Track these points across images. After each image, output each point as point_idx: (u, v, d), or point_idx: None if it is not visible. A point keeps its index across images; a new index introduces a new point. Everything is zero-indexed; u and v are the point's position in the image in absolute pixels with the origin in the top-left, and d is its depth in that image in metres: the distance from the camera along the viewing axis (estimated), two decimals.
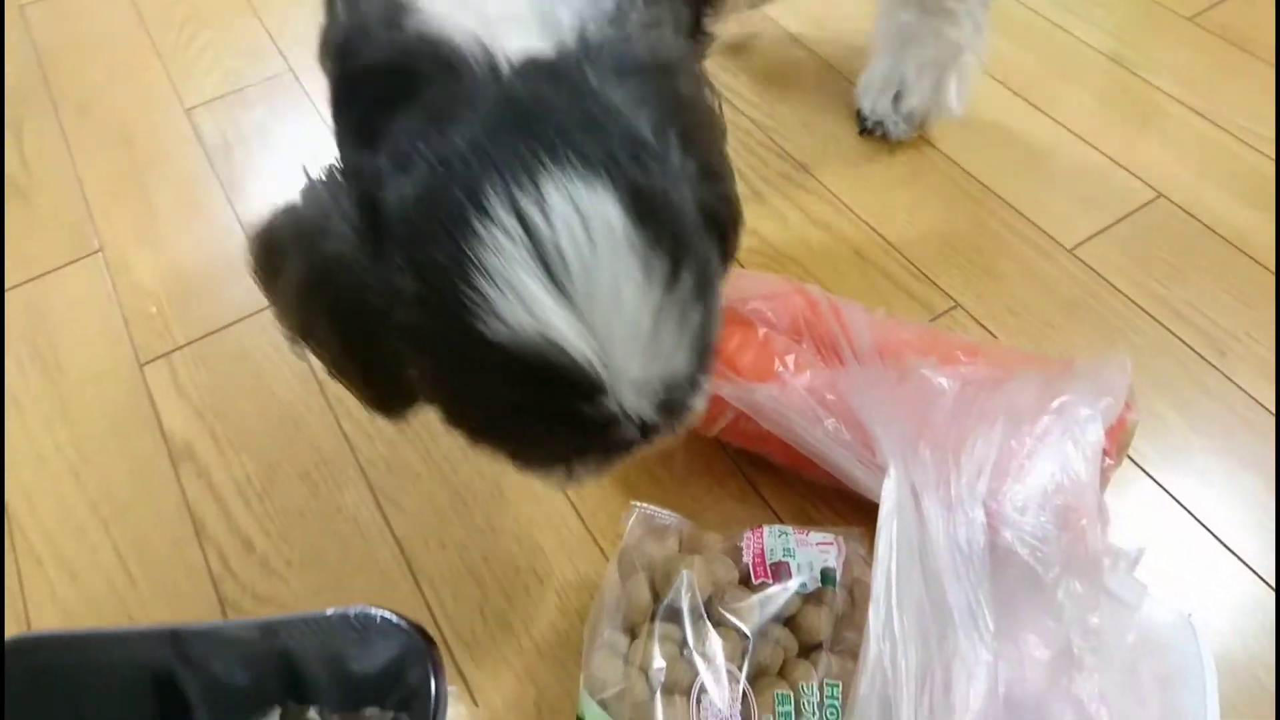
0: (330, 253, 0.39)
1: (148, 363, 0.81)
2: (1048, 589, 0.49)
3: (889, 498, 0.53)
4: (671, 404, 0.40)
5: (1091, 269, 0.83)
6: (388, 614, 0.34)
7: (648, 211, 0.37)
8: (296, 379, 0.79)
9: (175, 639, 0.34)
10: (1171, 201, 0.88)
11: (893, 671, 0.47)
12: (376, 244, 0.38)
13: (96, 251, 0.90)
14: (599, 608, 0.56)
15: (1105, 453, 0.60)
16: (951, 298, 0.81)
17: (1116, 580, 0.59)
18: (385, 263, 0.38)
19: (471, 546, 0.69)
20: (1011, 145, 0.94)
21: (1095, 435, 0.52)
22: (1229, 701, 0.58)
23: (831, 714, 0.48)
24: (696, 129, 0.43)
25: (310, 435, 0.76)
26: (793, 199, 0.90)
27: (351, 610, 0.34)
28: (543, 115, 0.38)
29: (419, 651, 0.33)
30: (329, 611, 0.33)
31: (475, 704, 0.60)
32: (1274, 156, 0.91)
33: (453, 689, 0.39)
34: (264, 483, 0.73)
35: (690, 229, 0.39)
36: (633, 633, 0.54)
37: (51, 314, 0.86)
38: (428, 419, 0.75)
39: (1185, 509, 0.68)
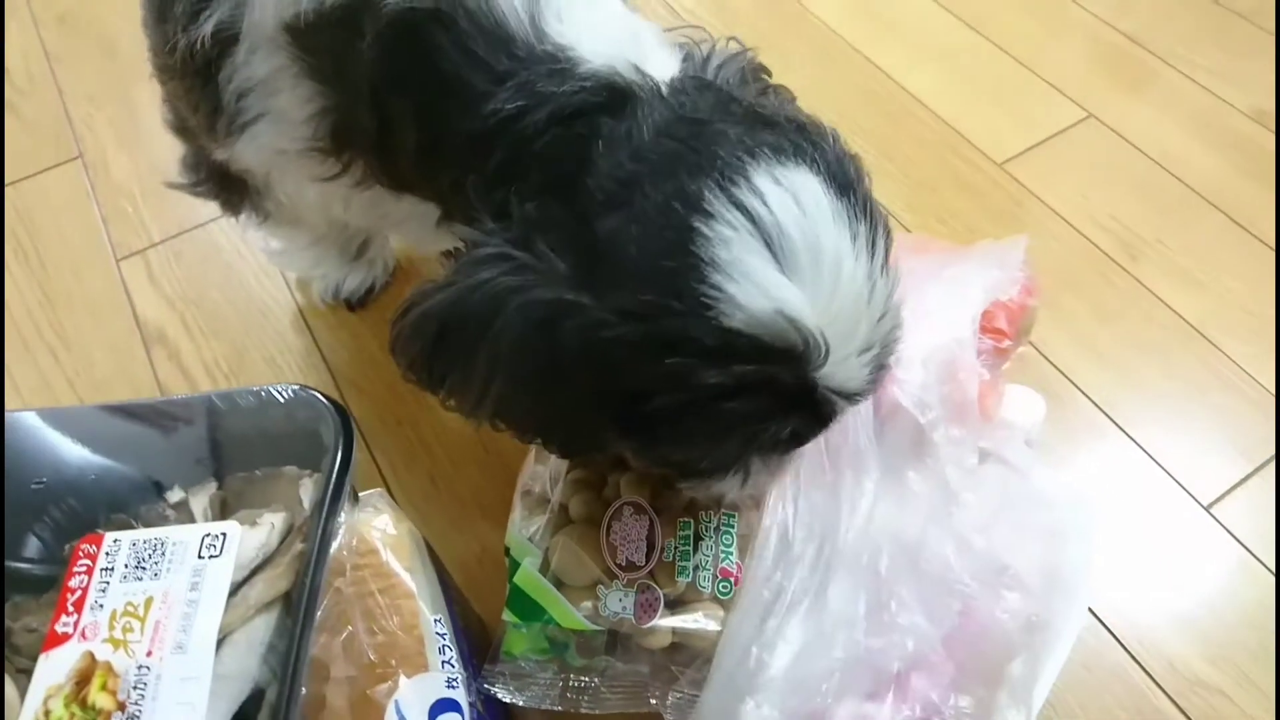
0: (549, 300, 0.38)
1: (124, 258, 0.86)
2: (928, 434, 0.54)
3: None
4: (880, 366, 0.42)
5: (1019, 182, 0.87)
6: (310, 390, 0.39)
7: (843, 185, 0.39)
8: (265, 274, 0.83)
9: (121, 411, 0.39)
10: (1101, 122, 0.92)
11: (793, 503, 0.52)
12: (593, 282, 0.38)
13: (77, 157, 0.94)
14: (529, 460, 0.61)
15: (1003, 333, 0.65)
16: (884, 206, 0.85)
17: (1010, 450, 0.65)
18: (612, 294, 0.38)
19: (424, 424, 0.74)
20: (953, 66, 0.98)
21: (977, 300, 0.57)
22: (1109, 567, 0.64)
23: (726, 539, 0.53)
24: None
25: (276, 324, 0.80)
26: None
27: (278, 386, 0.39)
28: (719, 120, 0.40)
29: (331, 417, 0.38)
30: (258, 388, 0.38)
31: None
32: (1208, 86, 0.95)
33: (379, 490, 0.44)
34: (232, 365, 0.78)
35: (871, 198, 0.42)
36: (559, 480, 0.59)
37: (34, 214, 0.90)
38: (384, 313, 0.81)
39: (1084, 394, 0.73)
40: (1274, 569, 0.65)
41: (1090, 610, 0.63)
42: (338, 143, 0.47)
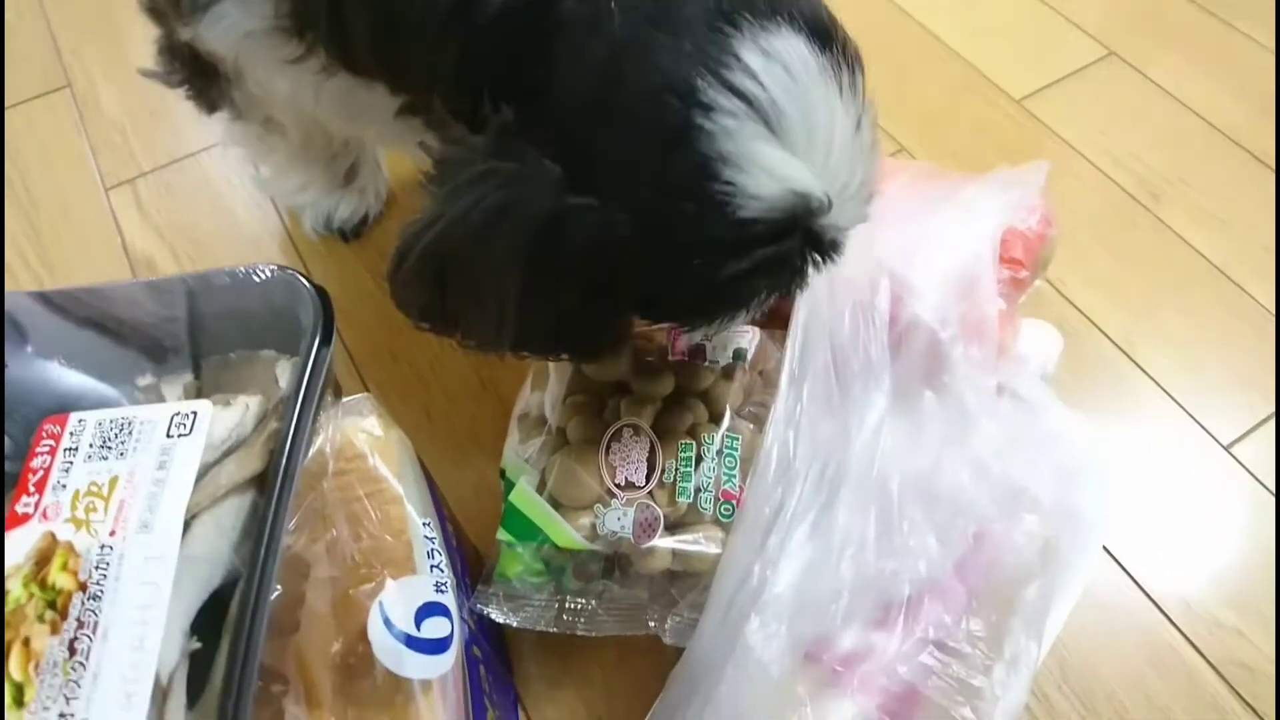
0: (550, 209, 0.37)
1: (112, 188, 0.83)
2: (946, 351, 0.52)
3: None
4: (872, 194, 0.42)
5: (1037, 118, 0.84)
6: (289, 270, 0.37)
7: (824, 39, 0.38)
8: (256, 205, 0.81)
9: (92, 294, 0.37)
10: (1122, 59, 0.89)
11: (795, 424, 0.50)
12: (593, 189, 0.37)
13: (64, 87, 0.91)
14: (527, 385, 0.59)
15: (1020, 263, 0.63)
16: (898, 141, 0.83)
17: (1026, 385, 0.62)
18: (620, 194, 0.37)
19: (419, 357, 0.72)
20: (969, 1, 0.94)
21: (996, 219, 0.55)
22: (1127, 506, 0.62)
23: (729, 462, 0.51)
24: None
25: (268, 254, 0.78)
26: None
27: (256, 266, 0.37)
28: None
29: (311, 299, 0.36)
30: (239, 269, 0.36)
31: None
32: (1232, 22, 0.91)
33: (366, 394, 0.42)
34: None
35: (849, 44, 0.40)
36: (555, 405, 0.57)
37: (22, 145, 0.87)
38: (379, 243, 0.78)
39: (1103, 332, 0.71)
40: None
41: (1105, 549, 0.61)
42: (297, 21, 0.45)
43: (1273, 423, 0.67)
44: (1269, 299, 0.72)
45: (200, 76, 0.59)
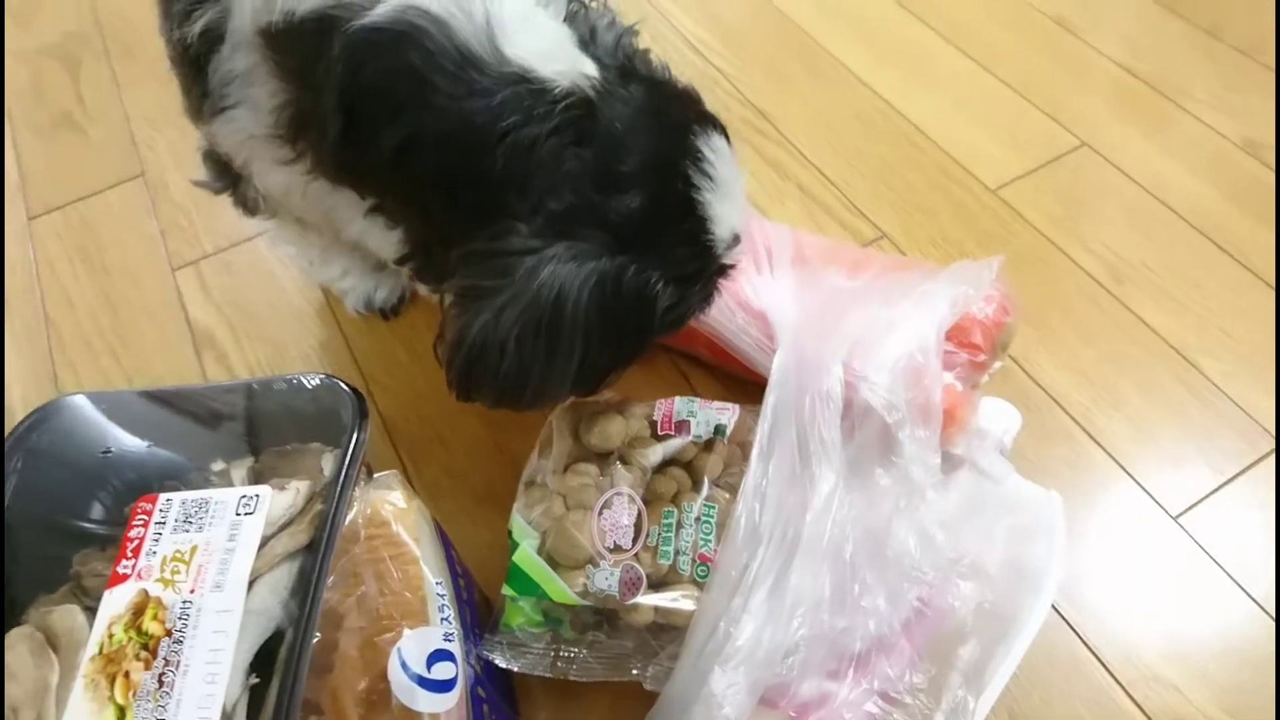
0: (608, 267, 0.51)
1: (179, 268, 0.94)
2: (894, 433, 0.59)
3: (777, 367, 0.64)
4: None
5: (1011, 207, 0.92)
6: (333, 378, 0.45)
7: (721, 129, 0.56)
8: (303, 284, 0.91)
9: (171, 402, 0.46)
10: (1095, 150, 0.96)
11: (763, 491, 0.58)
12: (634, 245, 0.52)
13: (139, 175, 1.03)
14: (534, 454, 0.67)
15: (979, 347, 0.70)
16: (880, 229, 0.91)
17: (985, 458, 0.69)
18: (652, 252, 0.53)
19: (443, 421, 0.81)
20: (952, 95, 1.03)
21: (943, 314, 0.62)
22: (1078, 571, 0.68)
23: (706, 528, 0.59)
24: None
25: (313, 328, 0.88)
26: (750, 141, 1.00)
27: (307, 375, 0.45)
28: (658, 105, 0.54)
29: (350, 401, 0.45)
30: (294, 376, 0.45)
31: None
32: (1200, 116, 0.99)
33: (393, 471, 0.51)
34: (272, 366, 0.85)
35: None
36: (560, 472, 0.65)
37: (101, 227, 0.99)
38: (413, 320, 0.87)
39: (1062, 408, 0.77)
40: (1234, 576, 0.68)
41: (1054, 608, 0.67)
42: (294, 132, 0.55)
43: (1219, 495, 0.72)
44: (1220, 376, 0.79)
45: (236, 183, 0.70)
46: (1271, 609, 0.67)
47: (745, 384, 0.76)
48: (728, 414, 0.66)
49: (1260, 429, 0.76)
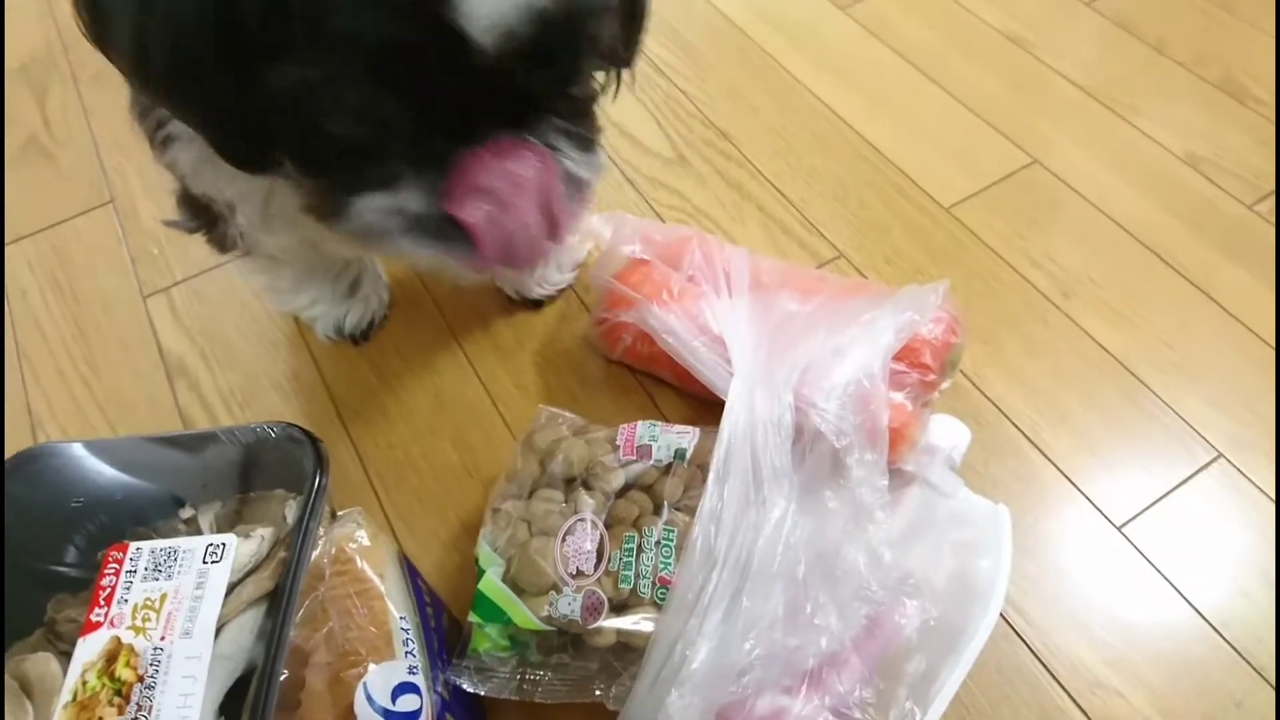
0: None
1: (150, 295, 0.95)
2: (843, 459, 0.61)
3: (733, 393, 0.66)
4: (542, 48, 0.38)
5: (964, 225, 0.95)
6: (295, 426, 0.47)
7: None
8: (274, 310, 0.92)
9: (140, 445, 0.47)
10: (1045, 167, 1.00)
11: (718, 516, 0.60)
12: None
13: (109, 202, 1.04)
14: (501, 480, 0.69)
15: (929, 367, 0.73)
16: (838, 248, 0.93)
17: (935, 473, 0.72)
18: None
19: (413, 446, 0.83)
20: (908, 113, 1.05)
21: (888, 341, 0.65)
22: (1024, 580, 0.71)
23: (666, 551, 0.61)
24: None
25: (285, 355, 0.89)
26: (712, 162, 1.02)
27: (271, 424, 0.47)
28: None
29: (310, 450, 0.46)
30: (258, 426, 0.47)
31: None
32: (1146, 131, 1.02)
33: (357, 508, 0.53)
34: (245, 394, 0.87)
35: None
36: (525, 498, 0.67)
37: (71, 254, 1.00)
38: (382, 346, 0.89)
39: (1012, 421, 0.80)
40: (1173, 582, 0.71)
41: (1003, 617, 0.70)
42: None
43: (1162, 505, 0.76)
44: (1163, 388, 0.82)
45: (209, 222, 0.71)
46: (1210, 615, 0.70)
47: (711, 405, 0.79)
48: (688, 437, 0.68)
49: (1201, 440, 0.79)
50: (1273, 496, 0.75)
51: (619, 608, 0.60)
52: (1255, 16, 1.14)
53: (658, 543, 0.62)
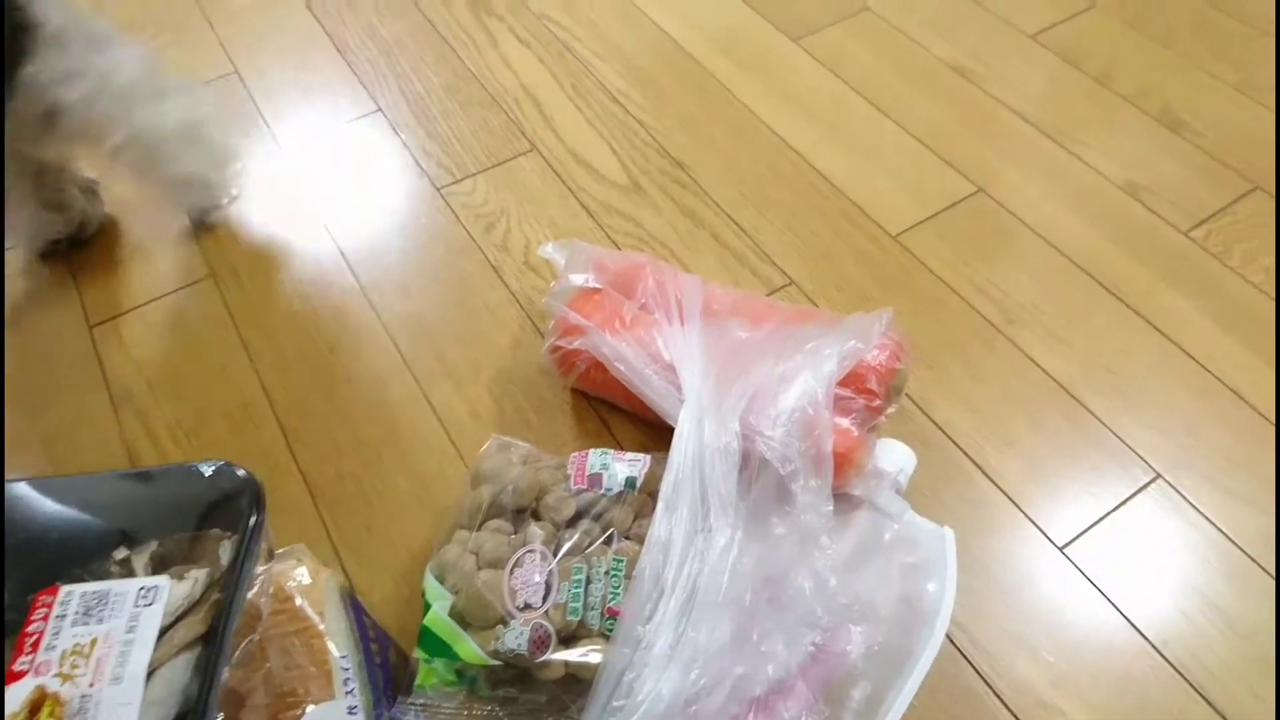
0: None
1: (97, 324, 0.93)
2: (789, 485, 0.62)
3: (682, 421, 0.67)
4: None
5: (911, 252, 0.97)
6: (231, 465, 0.47)
7: None
8: (223, 339, 0.91)
9: (67, 484, 0.46)
10: (990, 196, 1.02)
11: (666, 545, 0.60)
12: None
13: None
14: (450, 511, 0.69)
15: (874, 393, 0.74)
16: (789, 275, 0.95)
17: (882, 497, 0.73)
18: None
19: (364, 476, 0.82)
20: (858, 143, 1.08)
21: (831, 369, 0.66)
22: (970, 601, 0.73)
23: (615, 581, 0.61)
24: None
25: (233, 384, 0.88)
26: (667, 190, 1.03)
27: (207, 463, 0.47)
28: None
29: (248, 488, 0.46)
30: (193, 465, 0.46)
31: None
32: (1088, 161, 1.05)
33: (300, 545, 0.52)
34: (192, 423, 0.86)
35: None
36: (474, 529, 0.67)
37: (15, 281, 0.98)
38: (333, 370, 0.88)
39: (957, 445, 0.82)
40: (1113, 601, 0.73)
41: (950, 639, 0.71)
42: None
43: (1103, 525, 0.77)
44: (1105, 412, 0.84)
45: None
46: (1150, 634, 0.71)
47: (665, 431, 0.79)
48: (639, 465, 0.69)
49: (1141, 461, 0.81)
50: (1210, 516, 0.78)
51: (568, 639, 0.60)
52: (1193, 52, 1.18)
53: (607, 572, 0.62)
